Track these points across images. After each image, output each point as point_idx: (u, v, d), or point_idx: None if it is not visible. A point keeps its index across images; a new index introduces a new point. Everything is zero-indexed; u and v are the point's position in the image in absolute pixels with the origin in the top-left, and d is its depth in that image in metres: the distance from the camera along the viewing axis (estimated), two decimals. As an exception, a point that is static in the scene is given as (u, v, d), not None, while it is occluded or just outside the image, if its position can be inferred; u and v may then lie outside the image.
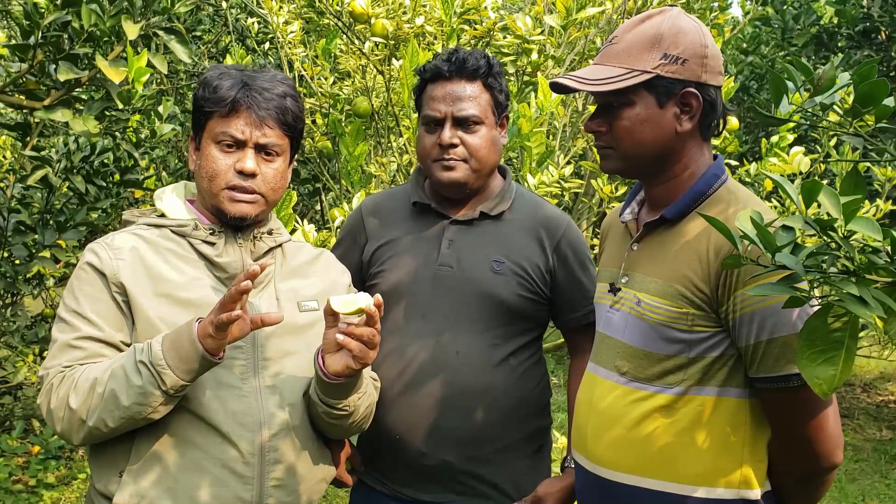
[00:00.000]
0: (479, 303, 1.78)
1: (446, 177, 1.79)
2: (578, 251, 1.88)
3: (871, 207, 3.39)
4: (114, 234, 1.52)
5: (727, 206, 1.40)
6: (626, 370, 1.47)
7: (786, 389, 1.33)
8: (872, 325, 3.52)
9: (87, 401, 1.36)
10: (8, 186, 3.09)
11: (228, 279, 1.51)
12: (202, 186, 1.54)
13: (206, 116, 1.51)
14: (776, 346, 1.32)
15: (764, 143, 3.07)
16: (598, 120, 1.46)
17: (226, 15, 4.31)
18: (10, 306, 3.91)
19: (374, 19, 2.68)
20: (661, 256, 1.45)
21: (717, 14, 3.76)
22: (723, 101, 1.46)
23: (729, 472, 1.40)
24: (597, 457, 1.50)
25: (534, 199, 1.94)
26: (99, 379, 1.36)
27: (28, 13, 2.43)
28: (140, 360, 1.35)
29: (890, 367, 6.47)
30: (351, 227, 1.97)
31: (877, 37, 5.70)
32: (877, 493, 4.46)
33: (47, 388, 1.41)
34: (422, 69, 1.84)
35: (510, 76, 2.86)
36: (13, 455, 4.23)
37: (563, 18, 2.61)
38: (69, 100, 2.72)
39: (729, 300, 1.35)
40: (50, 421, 1.41)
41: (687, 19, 1.43)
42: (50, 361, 1.43)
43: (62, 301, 1.48)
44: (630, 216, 1.57)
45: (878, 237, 0.96)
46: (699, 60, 1.39)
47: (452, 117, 1.77)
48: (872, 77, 1.04)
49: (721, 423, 1.39)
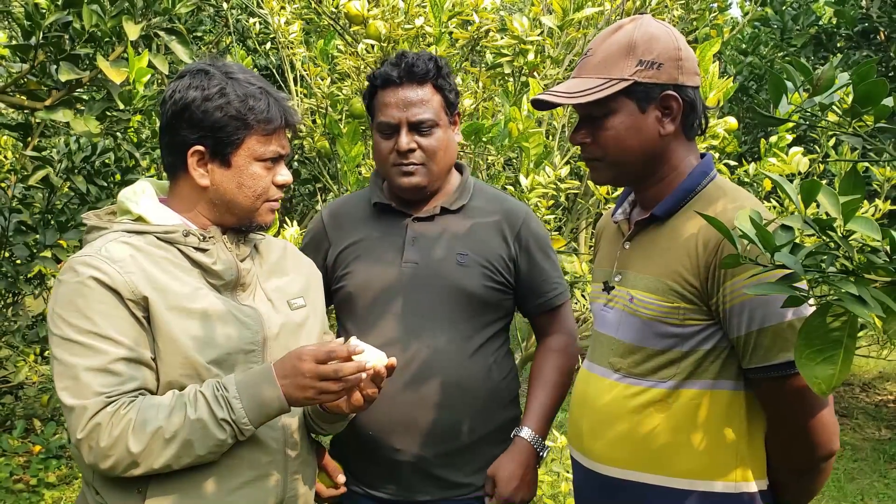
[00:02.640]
0: (448, 296, 1.81)
1: (406, 182, 1.83)
2: (539, 239, 1.93)
3: (870, 207, 3.39)
4: (103, 245, 1.41)
5: (716, 202, 1.42)
6: (620, 367, 1.49)
7: (779, 379, 1.34)
8: (871, 324, 3.52)
9: (150, 446, 1.33)
10: (9, 186, 3.10)
11: (223, 285, 1.49)
12: (236, 201, 1.49)
13: (246, 132, 1.47)
14: (767, 335, 1.34)
15: (763, 143, 3.07)
16: (583, 132, 1.49)
17: (227, 15, 4.32)
18: (11, 306, 3.92)
19: (369, 21, 2.68)
20: (653, 253, 1.47)
21: (716, 14, 3.76)
22: (702, 100, 1.49)
23: (726, 466, 1.41)
24: (594, 454, 1.52)
25: (492, 192, 1.98)
26: (165, 427, 1.33)
27: (29, 13, 2.44)
28: (223, 418, 1.36)
29: (889, 367, 6.48)
30: (314, 235, 1.98)
31: (875, 37, 5.71)
32: (875, 492, 4.47)
33: (92, 425, 1.32)
34: (372, 76, 1.86)
35: (507, 76, 2.87)
36: (14, 454, 4.24)
37: (560, 19, 2.62)
38: (70, 100, 2.72)
39: (718, 292, 1.37)
40: (93, 456, 1.34)
41: (657, 25, 1.46)
42: (81, 391, 1.33)
43: (63, 321, 1.35)
44: (622, 216, 1.60)
45: (877, 237, 0.96)
46: (674, 63, 1.43)
47: (407, 123, 1.80)
48: (871, 77, 1.04)
49: (716, 417, 1.41)
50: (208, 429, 1.36)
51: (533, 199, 2.63)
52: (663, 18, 3.25)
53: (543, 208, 2.66)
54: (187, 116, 1.45)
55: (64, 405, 1.35)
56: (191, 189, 1.50)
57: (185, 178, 1.49)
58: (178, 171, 1.50)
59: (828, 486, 4.53)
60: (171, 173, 1.53)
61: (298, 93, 3.21)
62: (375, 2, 2.77)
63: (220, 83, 1.46)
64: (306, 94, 3.18)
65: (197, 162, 1.47)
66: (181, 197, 1.52)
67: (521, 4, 4.28)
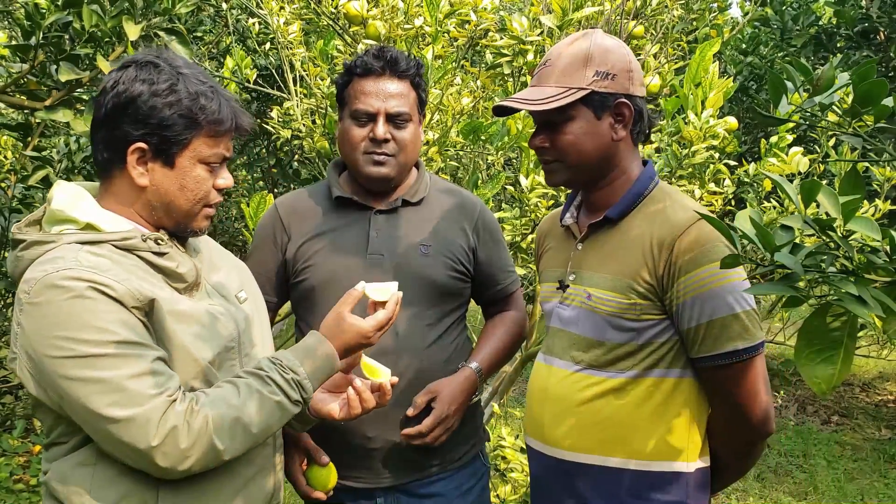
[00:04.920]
0: (413, 286, 1.84)
1: (375, 171, 1.86)
2: (494, 230, 2.03)
3: (870, 207, 3.40)
4: (73, 256, 1.30)
5: (664, 203, 1.57)
6: (581, 360, 1.61)
7: (723, 366, 1.49)
8: (871, 324, 3.53)
9: (235, 439, 1.33)
10: (9, 186, 3.10)
11: (186, 288, 1.42)
12: (176, 203, 1.42)
13: (194, 132, 1.40)
14: (715, 326, 1.48)
15: (763, 143, 3.07)
16: (541, 136, 1.60)
17: (227, 15, 4.32)
18: (11, 306, 3.91)
19: (368, 21, 2.68)
20: (608, 253, 1.60)
21: (716, 14, 3.77)
22: (647, 110, 1.64)
23: (678, 448, 1.56)
24: (556, 441, 1.63)
25: (447, 185, 2.06)
26: (243, 417, 1.33)
27: (29, 14, 2.44)
28: (296, 399, 1.41)
29: (889, 367, 6.48)
30: (270, 228, 1.97)
31: (875, 37, 5.71)
32: (875, 492, 4.47)
33: (167, 429, 1.26)
34: (352, 64, 1.89)
35: (507, 77, 2.87)
36: (14, 454, 4.24)
37: (560, 19, 2.62)
38: (70, 100, 2.72)
39: (672, 288, 1.50)
40: (170, 461, 1.27)
41: (610, 39, 1.60)
42: (134, 399, 1.25)
43: (72, 341, 1.24)
44: (571, 219, 1.72)
45: (877, 237, 0.96)
46: (626, 74, 1.57)
47: (385, 113, 1.84)
48: (871, 77, 1.04)
49: (669, 402, 1.55)
50: (287, 411, 1.40)
51: (533, 199, 2.63)
52: (663, 19, 3.25)
53: (544, 208, 2.67)
54: (132, 111, 1.35)
55: (114, 420, 1.25)
56: (127, 188, 1.40)
57: (121, 175, 1.40)
58: (113, 169, 1.40)
59: (828, 486, 4.53)
60: (104, 170, 1.41)
61: (298, 93, 3.21)
62: (375, 2, 2.77)
63: (169, 78, 1.37)
64: (306, 94, 3.18)
65: (137, 160, 1.37)
66: (115, 196, 1.41)
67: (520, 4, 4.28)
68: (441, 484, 1.91)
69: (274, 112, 3.40)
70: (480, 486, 2.00)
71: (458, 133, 2.63)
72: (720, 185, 2.82)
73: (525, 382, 6.32)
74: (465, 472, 1.95)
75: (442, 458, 1.91)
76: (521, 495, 2.76)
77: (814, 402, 5.94)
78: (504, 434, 2.91)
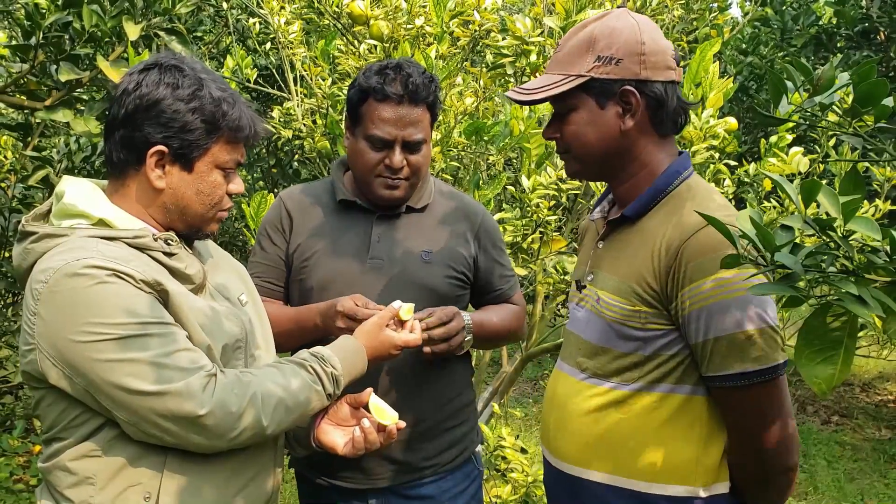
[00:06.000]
0: (413, 292, 1.83)
1: (388, 194, 1.86)
2: (495, 237, 2.02)
3: (871, 207, 3.39)
4: (94, 248, 1.31)
5: (682, 203, 1.41)
6: (586, 367, 1.49)
7: (735, 388, 1.33)
8: (871, 324, 3.52)
9: (276, 418, 1.38)
10: (9, 186, 3.10)
11: (192, 290, 1.42)
12: (192, 207, 1.44)
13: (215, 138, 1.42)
14: (722, 344, 1.32)
15: (763, 143, 3.07)
16: (553, 127, 1.51)
17: (227, 15, 4.31)
18: (11, 306, 3.92)
19: (372, 21, 2.68)
20: (622, 254, 1.47)
21: (716, 14, 3.76)
22: (679, 95, 1.46)
23: (684, 470, 1.40)
24: (559, 452, 1.54)
25: (450, 190, 2.04)
26: (287, 399, 1.39)
27: (29, 14, 2.44)
28: (330, 393, 1.48)
29: (889, 367, 6.47)
30: (276, 219, 1.96)
31: (876, 37, 5.71)
32: (876, 492, 4.47)
33: (217, 392, 1.29)
34: (369, 88, 1.81)
35: (509, 77, 2.86)
36: (14, 454, 4.24)
37: (563, 20, 2.61)
38: (70, 100, 2.73)
39: (677, 297, 1.35)
40: (222, 428, 1.30)
41: (626, 19, 1.44)
42: (175, 374, 1.27)
43: (102, 325, 1.25)
44: (599, 214, 1.60)
45: (877, 237, 0.96)
46: (635, 58, 1.41)
47: (402, 141, 1.82)
48: (871, 77, 1.04)
49: (676, 421, 1.40)
50: (321, 401, 1.46)
51: (534, 200, 2.63)
52: (663, 18, 3.25)
53: (545, 209, 2.66)
54: (155, 114, 1.36)
55: (159, 394, 1.26)
56: (143, 190, 1.41)
57: (138, 177, 1.40)
58: (129, 169, 1.40)
59: (828, 486, 4.53)
60: (118, 170, 1.41)
61: (298, 93, 3.21)
62: (377, 2, 2.77)
63: (193, 83, 1.39)
64: (306, 94, 3.18)
65: (156, 162, 1.38)
66: (130, 197, 1.42)
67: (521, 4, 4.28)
68: (433, 486, 1.91)
69: (275, 112, 3.40)
70: (473, 488, 2.00)
71: (460, 134, 2.63)
72: (720, 185, 2.82)
73: (525, 382, 6.32)
74: (457, 475, 1.95)
75: (434, 461, 1.91)
76: (521, 495, 2.76)
77: (814, 402, 5.94)
78: (504, 434, 2.91)
